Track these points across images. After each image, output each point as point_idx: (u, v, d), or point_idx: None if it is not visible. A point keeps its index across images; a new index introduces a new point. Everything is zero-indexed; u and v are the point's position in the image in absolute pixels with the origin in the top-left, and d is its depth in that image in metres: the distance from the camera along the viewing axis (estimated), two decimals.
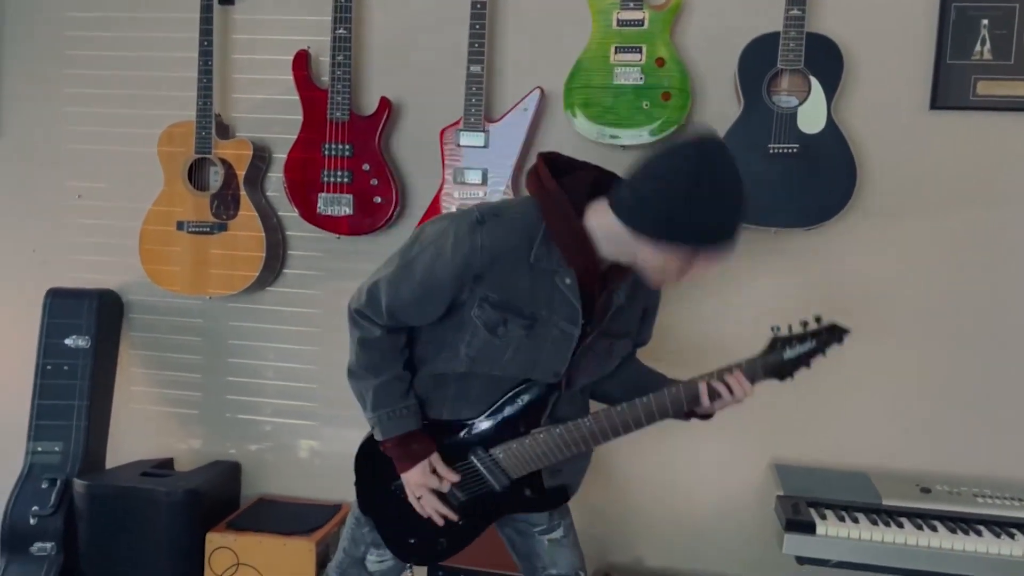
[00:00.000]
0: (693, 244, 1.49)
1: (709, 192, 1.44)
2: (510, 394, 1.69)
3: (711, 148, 1.47)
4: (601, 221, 1.56)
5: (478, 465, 1.72)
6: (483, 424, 1.71)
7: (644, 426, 1.68)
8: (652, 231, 1.48)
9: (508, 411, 1.69)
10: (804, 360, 1.65)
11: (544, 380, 1.68)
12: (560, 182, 1.59)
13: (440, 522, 1.73)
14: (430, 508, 1.72)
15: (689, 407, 1.68)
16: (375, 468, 1.78)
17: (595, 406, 1.87)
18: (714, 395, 1.65)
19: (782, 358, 1.65)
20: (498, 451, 1.70)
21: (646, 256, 1.53)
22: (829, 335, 1.65)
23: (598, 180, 1.62)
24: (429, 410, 1.73)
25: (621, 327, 1.74)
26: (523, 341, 1.62)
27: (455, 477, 1.72)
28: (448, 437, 1.72)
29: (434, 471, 1.70)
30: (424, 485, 1.70)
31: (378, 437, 1.72)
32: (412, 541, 1.79)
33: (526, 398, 1.69)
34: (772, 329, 1.68)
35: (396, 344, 1.70)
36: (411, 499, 1.73)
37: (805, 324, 1.66)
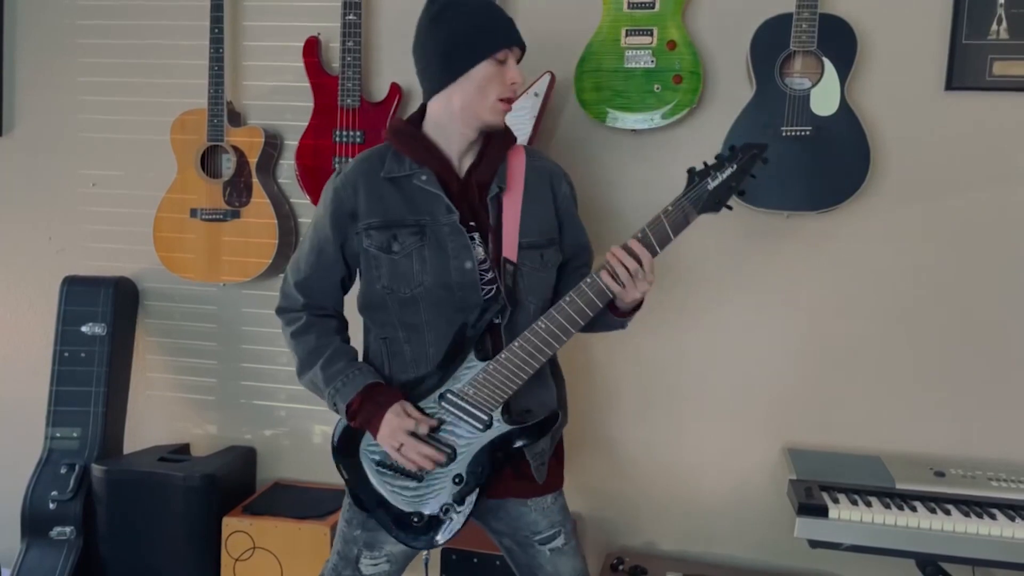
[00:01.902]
0: (477, 55, 1.67)
1: (455, 13, 1.67)
2: (460, 332, 1.69)
3: None
4: (429, 120, 1.75)
5: (452, 410, 1.69)
6: (444, 368, 1.70)
7: (596, 309, 1.65)
8: (445, 74, 1.69)
9: (464, 348, 1.69)
10: (731, 182, 1.63)
11: (470, 295, 1.68)
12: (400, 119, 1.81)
13: (429, 465, 1.67)
14: (414, 453, 1.66)
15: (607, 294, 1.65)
16: (353, 462, 1.77)
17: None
18: (616, 274, 1.62)
19: (707, 188, 1.63)
20: (466, 387, 1.68)
21: (463, 101, 1.68)
22: (745, 154, 1.63)
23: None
24: (395, 380, 1.74)
25: (536, 234, 1.75)
26: (423, 250, 1.69)
27: (430, 421, 1.68)
28: (416, 395, 1.71)
29: (407, 414, 1.67)
30: (399, 429, 1.66)
31: (341, 407, 1.71)
32: (416, 522, 1.74)
33: (477, 328, 1.69)
34: (688, 169, 1.66)
35: (327, 326, 1.78)
36: (392, 455, 1.68)
37: (720, 154, 1.65)
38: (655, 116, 2.35)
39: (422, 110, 1.78)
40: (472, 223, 1.72)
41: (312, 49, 2.55)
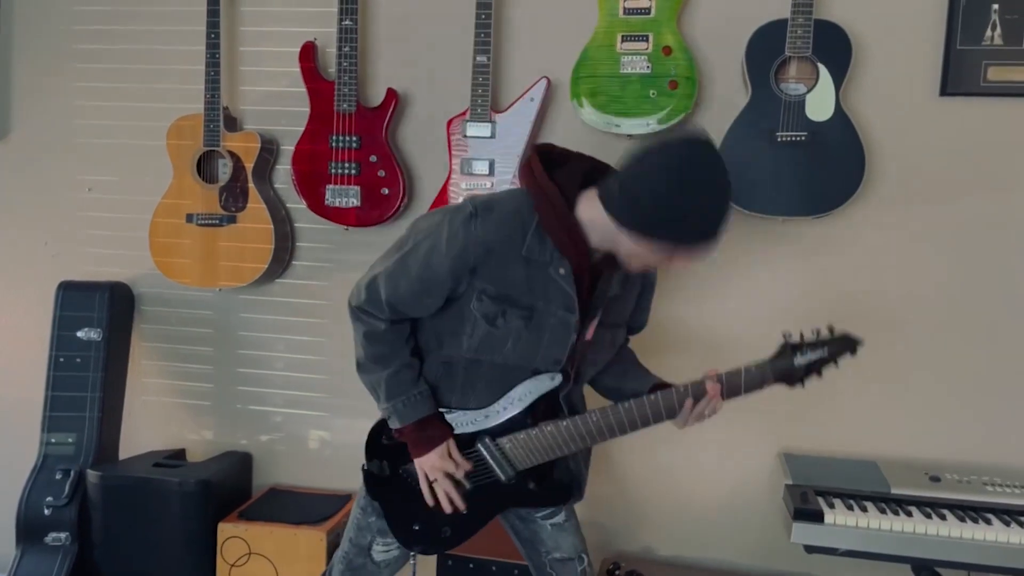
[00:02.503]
0: (672, 240, 1.52)
1: (692, 191, 1.47)
2: (520, 386, 1.70)
3: (699, 148, 1.50)
4: (591, 212, 1.59)
5: (485, 454, 1.74)
6: (490, 412, 1.73)
7: (649, 425, 1.71)
8: (633, 225, 1.52)
9: (517, 403, 1.71)
10: (815, 367, 1.68)
11: (546, 368, 1.69)
12: (552, 174, 1.61)
13: (449, 509, 1.75)
14: (442, 494, 1.74)
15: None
16: (386, 452, 1.80)
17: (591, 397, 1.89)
18: (688, 408, 1.69)
19: (792, 364, 1.67)
20: (505, 441, 1.72)
21: (629, 248, 1.57)
22: (841, 345, 1.68)
23: (591, 171, 1.64)
24: (438, 397, 1.75)
25: (618, 316, 1.78)
26: (522, 331, 1.64)
27: (468, 465, 1.74)
28: (456, 424, 1.75)
29: (451, 456, 1.72)
30: (440, 469, 1.72)
31: (395, 426, 1.74)
32: (416, 528, 1.80)
33: (535, 390, 1.70)
34: (784, 335, 1.69)
35: (401, 334, 1.72)
36: (423, 484, 1.75)
37: (817, 332, 1.69)
38: (651, 121, 2.35)
39: (586, 182, 1.62)
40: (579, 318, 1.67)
41: (308, 54, 2.55)
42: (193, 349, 2.83)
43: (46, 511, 2.58)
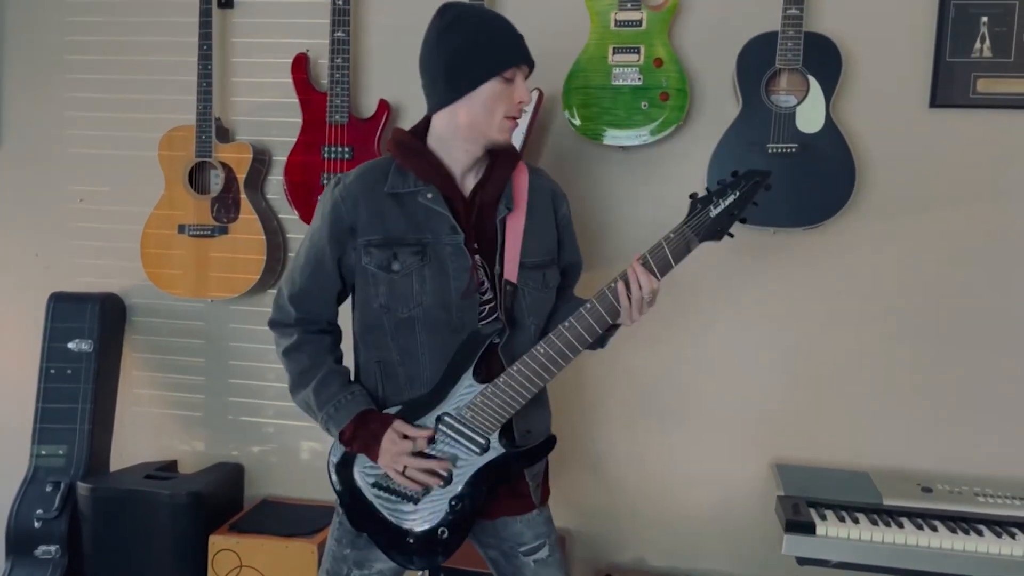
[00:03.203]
0: (485, 73, 1.64)
1: (464, 28, 1.65)
2: (456, 352, 1.67)
3: (445, 7, 1.71)
4: (433, 134, 1.72)
5: (450, 432, 1.68)
6: (441, 390, 1.68)
7: (596, 333, 1.64)
8: (451, 92, 1.65)
9: (461, 370, 1.67)
10: (732, 209, 1.62)
11: (465, 317, 1.66)
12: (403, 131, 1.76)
13: (438, 482, 1.67)
14: (419, 474, 1.66)
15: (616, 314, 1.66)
16: (351, 480, 1.75)
17: None
18: (623, 297, 1.63)
19: (708, 216, 1.61)
20: (464, 410, 1.67)
21: (468, 119, 1.66)
22: (748, 181, 1.62)
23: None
24: (389, 404, 1.72)
25: (538, 254, 1.75)
26: (423, 269, 1.66)
27: (426, 433, 1.67)
28: (413, 417, 1.69)
29: (404, 436, 1.66)
30: (400, 453, 1.65)
31: (334, 433, 1.70)
32: (411, 541, 1.74)
33: (473, 350, 1.66)
34: (690, 196, 1.64)
35: (320, 347, 1.75)
36: (397, 478, 1.68)
37: (723, 179, 1.64)
38: (642, 133, 2.36)
39: (426, 123, 1.74)
40: (475, 244, 1.69)
41: (301, 65, 2.55)
42: (185, 360, 2.83)
43: (36, 524, 2.57)
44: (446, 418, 1.68)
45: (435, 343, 1.69)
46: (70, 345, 2.69)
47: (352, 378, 1.78)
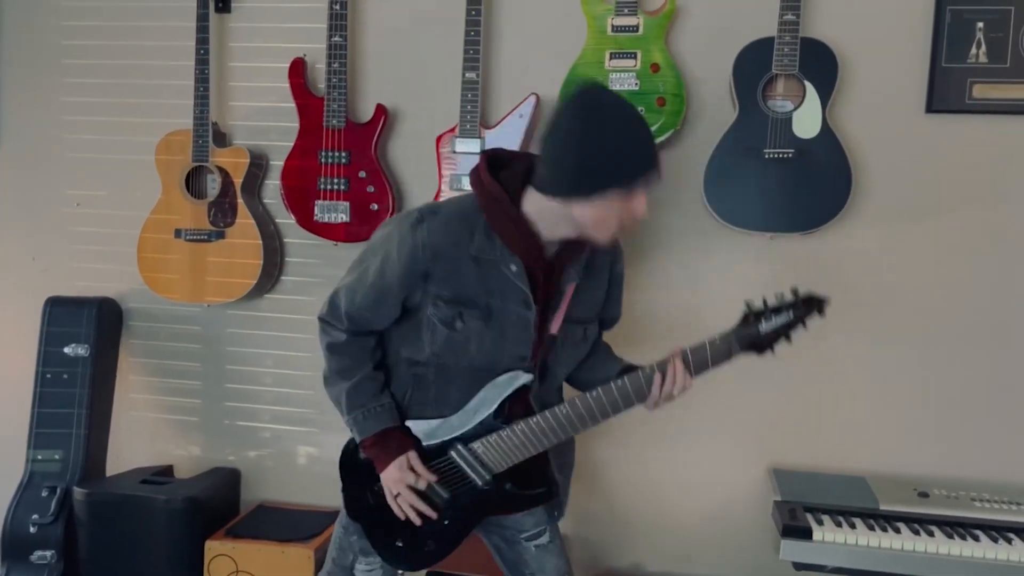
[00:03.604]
0: (612, 184, 1.51)
1: (605, 128, 1.49)
2: (487, 388, 1.70)
3: (591, 92, 1.54)
4: (536, 204, 1.60)
5: (458, 460, 1.72)
6: (462, 418, 1.72)
7: (619, 410, 1.68)
8: (572, 190, 1.53)
9: (487, 405, 1.70)
10: (782, 332, 1.64)
11: (512, 367, 1.69)
12: (496, 175, 1.63)
13: (417, 521, 1.73)
14: (406, 506, 1.71)
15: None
16: (359, 471, 1.79)
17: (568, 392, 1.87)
18: (656, 387, 1.66)
19: (757, 331, 1.64)
20: (477, 445, 1.71)
21: (581, 217, 1.56)
22: (806, 306, 1.64)
23: (533, 166, 1.64)
24: (411, 413, 1.75)
25: (586, 311, 1.77)
26: (483, 332, 1.65)
27: (432, 476, 1.72)
28: (430, 438, 1.74)
29: (411, 468, 1.71)
30: (401, 481, 1.70)
31: (356, 438, 1.74)
32: (399, 544, 1.79)
33: (503, 390, 1.69)
34: (747, 303, 1.66)
35: (364, 347, 1.74)
36: (388, 499, 1.73)
37: (781, 296, 1.65)
38: None
39: (524, 176, 1.62)
40: (540, 307, 1.68)
41: (298, 70, 2.55)
42: (181, 365, 2.82)
43: (32, 529, 2.56)
44: (458, 446, 1.72)
45: (473, 376, 1.71)
46: (66, 349, 2.68)
47: (385, 380, 1.77)
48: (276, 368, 2.77)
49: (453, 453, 1.73)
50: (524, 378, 1.69)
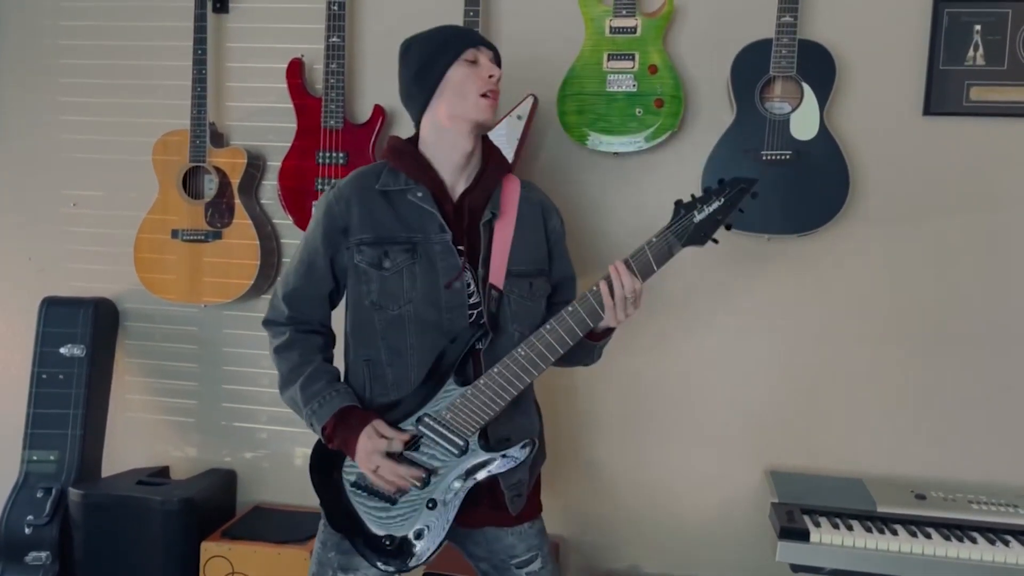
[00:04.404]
0: (445, 63, 1.71)
1: (413, 45, 1.78)
2: (440, 355, 1.68)
3: (402, 43, 1.82)
4: (423, 140, 1.77)
5: (429, 433, 1.68)
6: (424, 392, 1.69)
7: (578, 336, 1.65)
8: (422, 95, 1.73)
9: (444, 373, 1.68)
10: (717, 216, 1.62)
11: (453, 318, 1.68)
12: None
13: (406, 485, 1.67)
14: (390, 474, 1.65)
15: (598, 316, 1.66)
16: (327, 470, 1.76)
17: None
18: (606, 297, 1.63)
19: (693, 221, 1.62)
20: (444, 411, 1.67)
21: (449, 110, 1.71)
22: (734, 187, 1.62)
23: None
24: (376, 403, 1.72)
25: (527, 264, 1.76)
26: (412, 266, 1.69)
27: (403, 435, 1.67)
28: (394, 417, 1.70)
29: (380, 435, 1.66)
30: (374, 452, 1.64)
31: (317, 429, 1.71)
32: (387, 543, 1.72)
33: (457, 351, 1.68)
34: (676, 201, 1.64)
35: (310, 344, 1.77)
36: (371, 478, 1.67)
37: (707, 187, 1.65)
38: (637, 139, 2.36)
39: (416, 135, 1.80)
40: (462, 247, 1.71)
41: (296, 71, 2.55)
42: (177, 365, 2.81)
43: (27, 530, 2.55)
44: (426, 419, 1.69)
45: (424, 345, 1.70)
46: (62, 350, 2.67)
47: (341, 378, 1.78)
48: (273, 369, 2.72)
49: (421, 427, 1.68)
50: (473, 336, 1.67)
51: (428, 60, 1.73)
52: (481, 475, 1.70)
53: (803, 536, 2.03)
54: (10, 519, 2.57)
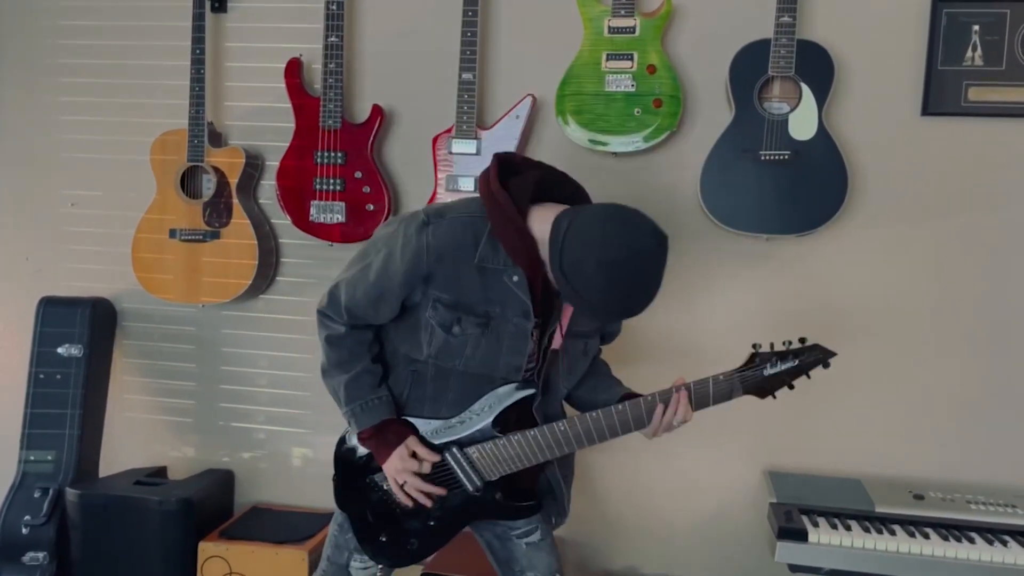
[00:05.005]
0: (586, 307, 1.57)
1: (618, 280, 1.49)
2: (488, 396, 1.70)
3: (648, 246, 1.51)
4: (539, 223, 1.60)
5: (452, 464, 1.73)
6: (461, 421, 1.72)
7: (617, 434, 1.70)
8: (566, 279, 1.53)
9: (487, 413, 1.70)
10: (785, 378, 1.67)
11: (508, 376, 1.69)
12: (506, 183, 1.63)
13: (428, 503, 1.73)
14: (414, 491, 1.71)
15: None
16: (351, 463, 1.80)
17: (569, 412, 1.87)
18: (657, 417, 1.68)
19: (762, 375, 1.66)
20: (472, 451, 1.71)
21: (571, 291, 1.56)
22: (811, 355, 1.66)
23: (543, 180, 1.65)
24: (408, 409, 1.75)
25: (587, 325, 1.77)
26: (480, 339, 1.66)
27: (435, 457, 1.71)
28: (428, 429, 1.74)
29: (413, 455, 1.71)
30: (405, 470, 1.70)
31: (354, 430, 1.75)
32: (383, 539, 1.79)
33: (503, 399, 1.70)
34: (754, 346, 1.68)
35: (362, 340, 1.74)
36: (395, 489, 1.73)
37: (788, 343, 1.68)
38: (636, 139, 2.36)
39: (538, 191, 1.64)
40: (536, 325, 1.68)
41: (294, 70, 2.54)
42: (175, 365, 2.81)
43: (24, 530, 2.55)
44: (454, 448, 1.72)
45: (470, 382, 1.71)
46: (60, 350, 2.67)
47: (383, 375, 1.77)
48: (271, 369, 2.76)
49: (448, 455, 1.73)
50: (527, 391, 1.70)
51: (582, 292, 1.53)
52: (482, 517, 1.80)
53: (801, 536, 2.03)
54: (7, 519, 2.56)
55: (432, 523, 1.78)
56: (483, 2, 2.44)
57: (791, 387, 1.68)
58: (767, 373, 1.66)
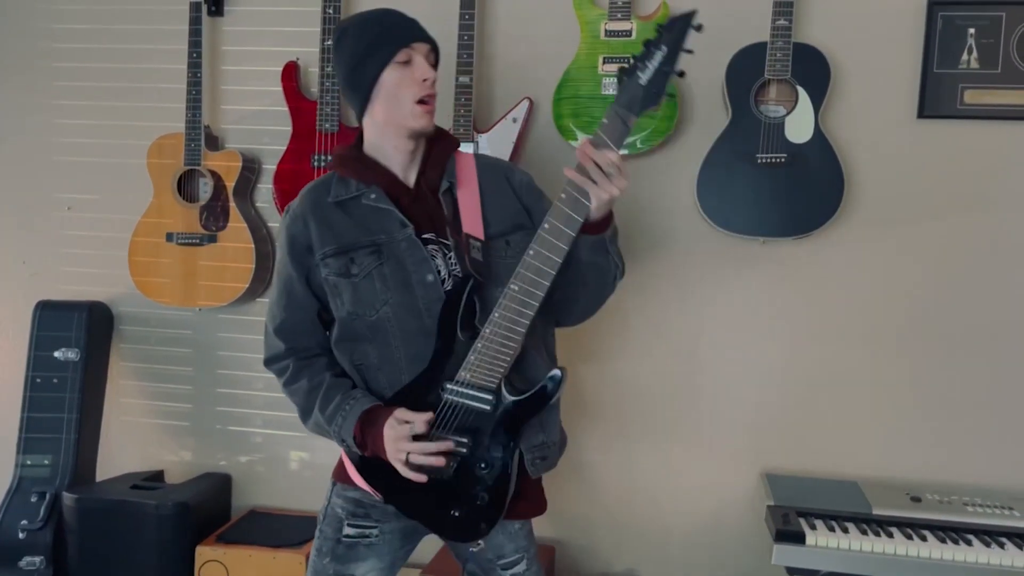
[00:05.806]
0: (376, 67, 1.64)
1: (345, 37, 1.67)
2: (440, 319, 1.63)
3: (335, 30, 1.75)
4: (366, 140, 1.74)
5: (453, 398, 1.63)
6: (438, 368, 1.64)
7: (570, 237, 1.53)
8: (358, 98, 1.68)
9: (447, 336, 1.63)
10: (664, 69, 1.48)
11: (431, 308, 1.63)
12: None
13: (441, 462, 1.59)
14: (423, 458, 1.58)
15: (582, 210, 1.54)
16: (373, 465, 1.69)
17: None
18: (582, 181, 1.51)
19: (639, 84, 1.49)
20: (463, 372, 1.62)
21: (385, 115, 1.67)
22: (672, 31, 1.48)
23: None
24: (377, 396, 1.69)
25: (502, 223, 1.71)
26: (380, 268, 1.66)
27: (425, 415, 1.60)
28: (415, 398, 1.64)
29: (400, 422, 1.60)
30: (399, 439, 1.59)
31: (350, 441, 1.66)
32: (456, 514, 1.66)
33: (457, 310, 1.62)
34: (619, 68, 1.53)
35: (316, 366, 1.74)
36: (404, 471, 1.60)
37: (644, 42, 1.52)
38: (633, 142, 2.36)
39: (360, 135, 1.77)
40: (432, 233, 1.68)
41: (291, 74, 2.55)
42: (172, 369, 2.81)
43: (20, 535, 2.54)
44: (448, 385, 1.63)
45: (411, 352, 1.65)
46: (56, 354, 2.67)
47: (350, 384, 1.72)
48: (268, 373, 2.74)
49: (446, 395, 1.62)
50: (464, 287, 1.61)
51: (358, 63, 1.65)
52: (521, 428, 1.64)
53: (799, 539, 2.03)
54: (4, 524, 2.56)
55: (483, 467, 1.64)
56: (480, 6, 2.44)
57: (681, 74, 1.49)
58: (643, 80, 1.48)
